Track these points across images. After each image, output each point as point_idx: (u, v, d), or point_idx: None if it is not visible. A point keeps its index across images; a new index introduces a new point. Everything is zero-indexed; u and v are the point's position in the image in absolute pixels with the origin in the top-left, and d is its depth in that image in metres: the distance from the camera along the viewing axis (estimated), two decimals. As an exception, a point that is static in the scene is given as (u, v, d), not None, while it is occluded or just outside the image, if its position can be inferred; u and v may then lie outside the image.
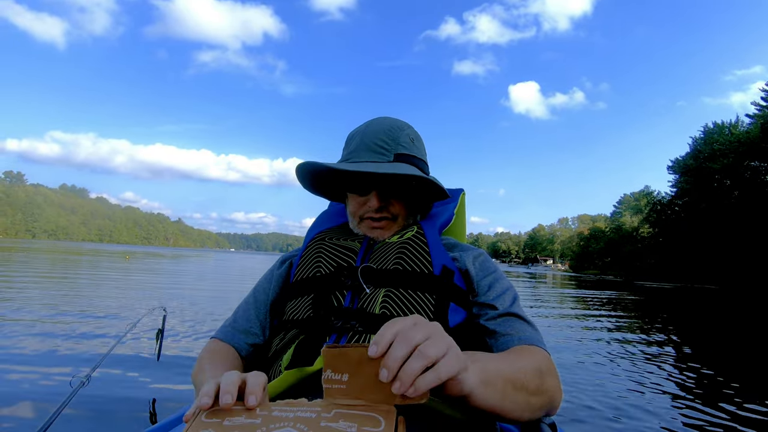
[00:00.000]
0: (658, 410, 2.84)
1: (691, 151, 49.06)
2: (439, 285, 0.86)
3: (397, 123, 0.99)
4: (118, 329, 4.46)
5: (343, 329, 0.80)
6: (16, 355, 3.43)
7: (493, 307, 0.88)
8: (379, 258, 0.91)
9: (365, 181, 0.94)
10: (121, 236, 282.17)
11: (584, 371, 3.84)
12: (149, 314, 2.77)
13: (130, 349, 3.77)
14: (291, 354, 0.78)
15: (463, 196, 1.29)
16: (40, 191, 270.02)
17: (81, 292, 7.58)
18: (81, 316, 5.12)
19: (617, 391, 3.23)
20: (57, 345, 3.76)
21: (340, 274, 0.89)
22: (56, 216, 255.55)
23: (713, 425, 2.64)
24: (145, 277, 12.35)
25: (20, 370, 3.05)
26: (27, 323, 4.55)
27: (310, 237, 1.04)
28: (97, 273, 12.94)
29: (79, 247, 53.32)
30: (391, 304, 0.83)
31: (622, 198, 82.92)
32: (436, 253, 0.92)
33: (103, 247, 79.90)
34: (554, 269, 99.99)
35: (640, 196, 78.71)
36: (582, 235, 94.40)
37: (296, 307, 0.89)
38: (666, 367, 4.13)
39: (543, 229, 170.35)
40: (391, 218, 0.97)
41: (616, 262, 65.76)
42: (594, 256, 78.58)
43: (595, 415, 2.70)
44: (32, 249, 33.34)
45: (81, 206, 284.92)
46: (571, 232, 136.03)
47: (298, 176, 1.01)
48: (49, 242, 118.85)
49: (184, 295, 8.19)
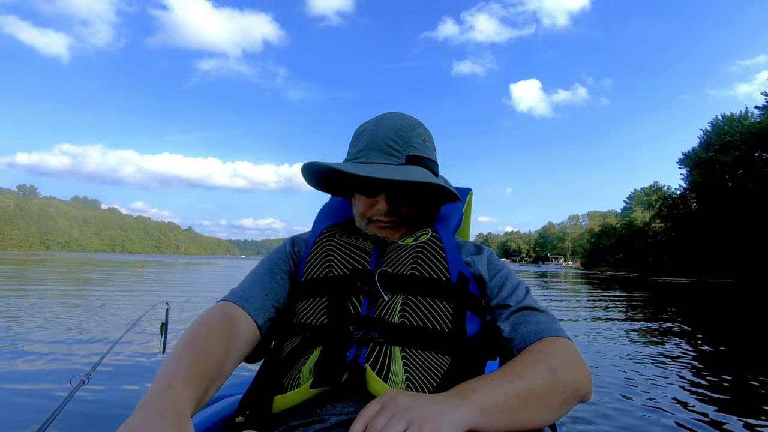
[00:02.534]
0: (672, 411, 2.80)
1: (701, 144, 48.55)
2: (456, 293, 0.84)
3: (409, 121, 0.93)
4: (122, 326, 4.50)
5: (362, 340, 0.76)
6: (17, 355, 3.47)
7: (507, 306, 0.86)
8: (394, 261, 0.86)
9: (374, 182, 0.89)
10: (134, 246, 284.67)
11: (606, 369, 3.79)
12: (152, 310, 2.79)
13: (136, 344, 3.82)
14: (312, 368, 0.74)
15: (471, 196, 1.29)
16: (53, 203, 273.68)
17: (98, 300, 7.68)
18: (93, 318, 5.20)
19: (622, 389, 3.20)
20: (60, 345, 3.81)
21: (355, 277, 0.85)
22: (69, 227, 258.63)
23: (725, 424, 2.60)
24: (157, 284, 12.49)
25: (22, 370, 3.09)
26: (39, 324, 4.59)
27: (317, 232, 0.98)
28: (112, 281, 13.09)
29: (93, 258, 53.92)
30: (410, 313, 0.80)
31: (633, 194, 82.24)
32: (452, 259, 0.88)
33: (116, 257, 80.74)
34: (566, 267, 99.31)
35: (650, 191, 78.05)
36: (593, 232, 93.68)
37: (309, 310, 0.84)
38: (684, 362, 4.08)
39: (553, 227, 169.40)
40: (400, 220, 0.92)
41: (628, 259, 65.17)
42: (606, 253, 77.95)
43: (596, 415, 2.65)
44: (48, 261, 33.75)
45: (93, 217, 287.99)
46: (582, 230, 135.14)
47: (303, 174, 0.97)
48: (63, 254, 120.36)
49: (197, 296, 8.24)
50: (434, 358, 0.76)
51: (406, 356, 0.74)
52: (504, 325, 0.84)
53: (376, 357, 0.73)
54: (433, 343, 0.77)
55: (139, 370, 3.18)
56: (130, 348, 3.78)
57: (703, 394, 3.11)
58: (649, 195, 77.09)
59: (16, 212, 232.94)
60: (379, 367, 0.72)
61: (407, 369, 0.73)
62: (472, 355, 0.82)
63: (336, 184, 1.04)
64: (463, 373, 0.76)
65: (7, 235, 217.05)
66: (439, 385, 0.72)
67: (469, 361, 0.80)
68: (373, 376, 0.71)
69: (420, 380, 0.72)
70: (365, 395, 0.72)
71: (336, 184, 1.04)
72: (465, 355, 0.79)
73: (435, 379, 0.73)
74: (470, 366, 0.79)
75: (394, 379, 0.71)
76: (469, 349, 0.81)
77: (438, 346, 0.77)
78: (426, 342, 0.77)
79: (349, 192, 1.01)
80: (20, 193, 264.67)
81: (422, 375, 0.73)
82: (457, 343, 0.79)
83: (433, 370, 0.74)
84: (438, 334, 0.79)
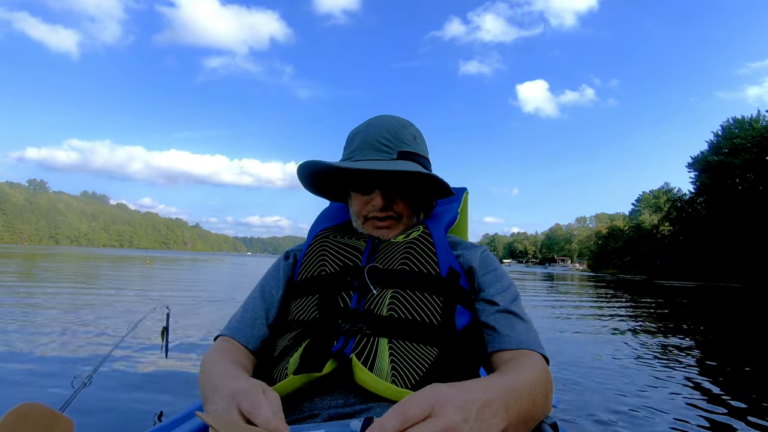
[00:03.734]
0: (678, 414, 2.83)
1: (711, 147, 48.07)
2: (446, 287, 0.86)
3: (400, 121, 0.98)
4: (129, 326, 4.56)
5: (350, 332, 0.78)
6: (20, 354, 3.51)
7: (493, 303, 0.87)
8: (385, 258, 0.89)
9: (369, 179, 0.93)
10: (141, 241, 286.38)
11: (624, 375, 3.82)
12: (152, 313, 2.83)
13: (137, 347, 3.82)
14: (298, 358, 0.76)
15: (467, 196, 1.31)
16: (62, 198, 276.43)
17: (108, 294, 7.80)
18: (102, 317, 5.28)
19: (625, 392, 3.21)
20: (62, 346, 3.84)
21: (345, 273, 0.88)
22: (78, 222, 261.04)
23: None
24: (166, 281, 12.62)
25: (23, 370, 3.12)
26: (45, 322, 4.67)
27: (313, 234, 1.02)
28: (121, 276, 13.24)
29: (101, 253, 54.32)
30: (398, 306, 0.81)
31: (641, 196, 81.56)
32: (443, 253, 0.90)
33: (124, 252, 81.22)
34: (572, 269, 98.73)
35: (659, 193, 77.33)
36: (600, 234, 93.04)
37: (301, 308, 0.87)
38: (690, 369, 4.09)
39: (560, 229, 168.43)
40: (396, 217, 0.95)
41: (635, 261, 64.69)
42: (613, 256, 77.40)
43: (597, 415, 2.67)
44: (57, 255, 34.09)
45: (102, 212, 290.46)
46: (589, 231, 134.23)
47: (299, 176, 0.99)
48: (72, 248, 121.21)
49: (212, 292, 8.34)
50: (421, 349, 0.77)
51: (393, 347, 0.76)
52: (488, 320, 0.86)
53: (363, 348, 0.75)
54: (420, 335, 0.79)
55: (140, 372, 3.18)
56: (132, 350, 3.79)
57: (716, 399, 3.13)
58: (657, 197, 76.40)
59: (26, 206, 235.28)
60: (365, 357, 0.74)
61: (393, 359, 0.74)
62: (462, 347, 0.83)
63: (332, 187, 1.07)
64: (452, 364, 0.78)
65: (17, 229, 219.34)
66: (426, 375, 0.74)
67: (458, 354, 0.81)
68: (359, 365, 0.72)
69: (406, 370, 0.73)
70: (352, 386, 0.73)
71: (332, 186, 1.07)
72: (454, 348, 0.81)
73: (421, 369, 0.74)
74: (459, 358, 0.81)
75: (380, 369, 0.73)
76: (458, 341, 0.82)
77: (426, 337, 0.79)
78: (413, 334, 0.79)
79: (345, 193, 1.04)
80: (30, 188, 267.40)
81: (408, 365, 0.74)
82: (445, 335, 0.81)
83: (420, 361, 0.75)
84: (426, 326, 0.80)
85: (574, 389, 3.21)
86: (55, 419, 0.42)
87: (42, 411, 0.42)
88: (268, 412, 0.55)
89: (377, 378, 0.72)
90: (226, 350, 0.85)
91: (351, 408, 0.72)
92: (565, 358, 4.26)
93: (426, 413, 0.50)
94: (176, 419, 0.90)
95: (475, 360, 0.86)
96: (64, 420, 0.42)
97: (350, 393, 0.73)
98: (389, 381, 0.72)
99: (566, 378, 3.50)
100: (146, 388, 2.86)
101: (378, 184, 0.93)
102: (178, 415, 0.93)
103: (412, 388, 0.71)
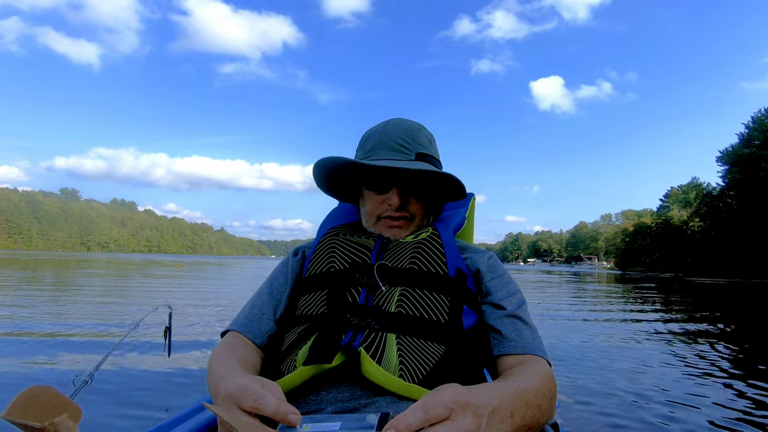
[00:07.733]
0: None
1: (741, 139, 46.49)
2: (453, 287, 0.87)
3: (415, 124, 1.01)
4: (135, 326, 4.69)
5: (359, 327, 0.79)
6: (21, 354, 3.62)
7: (500, 307, 0.89)
8: (394, 256, 0.91)
9: (385, 178, 0.95)
10: (168, 246, 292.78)
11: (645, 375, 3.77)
12: (153, 312, 2.93)
13: (139, 346, 3.88)
14: (308, 350, 0.77)
15: (473, 201, 1.34)
16: (93, 206, 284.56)
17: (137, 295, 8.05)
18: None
19: (631, 392, 3.18)
20: (63, 346, 3.95)
21: (355, 270, 0.89)
22: (108, 229, 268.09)
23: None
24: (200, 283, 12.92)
25: (24, 369, 3.22)
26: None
27: (322, 232, 1.04)
28: (152, 279, 13.64)
29: (131, 259, 55.73)
30: (406, 303, 0.83)
31: (670, 191, 79.12)
32: (451, 254, 0.92)
33: (153, 257, 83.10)
34: (599, 267, 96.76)
35: (688, 188, 74.92)
36: (627, 231, 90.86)
37: (310, 302, 0.88)
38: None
39: (585, 227, 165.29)
40: (409, 218, 0.97)
41: (665, 258, 62.99)
42: (641, 253, 75.54)
43: (598, 415, 2.64)
44: (90, 261, 35.06)
45: (130, 219, 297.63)
46: (616, 229, 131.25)
47: (315, 172, 1.01)
48: (103, 254, 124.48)
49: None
50: (429, 345, 0.79)
51: (401, 342, 0.77)
52: (494, 323, 0.88)
53: (371, 342, 0.76)
54: (428, 332, 0.80)
55: (142, 370, 3.22)
56: (134, 349, 3.83)
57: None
58: (687, 193, 74.06)
59: (59, 214, 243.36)
60: (374, 350, 0.75)
61: (401, 354, 0.75)
62: (468, 346, 0.84)
63: (345, 187, 1.08)
64: (458, 363, 0.80)
65: (51, 236, 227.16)
66: (433, 371, 0.75)
67: (464, 352, 0.82)
68: (367, 358, 0.73)
69: (414, 366, 0.75)
70: (359, 380, 0.74)
71: (345, 186, 1.08)
72: (460, 346, 0.82)
73: (428, 365, 0.76)
74: (466, 357, 0.82)
75: (388, 363, 0.74)
76: (464, 340, 0.84)
77: (433, 335, 0.80)
78: (421, 330, 0.80)
79: (357, 193, 1.05)
80: (63, 196, 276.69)
81: (416, 361, 0.75)
82: (452, 334, 0.82)
83: (428, 357, 0.77)
84: (434, 324, 0.81)
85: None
86: (65, 404, 0.43)
87: (53, 394, 0.43)
88: (273, 401, 0.55)
89: (385, 371, 0.72)
90: (232, 346, 0.86)
91: (357, 401, 0.72)
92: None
93: (446, 414, 0.51)
94: (181, 415, 0.91)
95: (480, 361, 0.88)
96: (73, 406, 0.43)
97: (356, 386, 0.74)
98: (397, 375, 0.73)
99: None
100: (147, 385, 2.89)
101: (395, 183, 0.94)
102: (183, 411, 0.93)
103: (419, 383, 0.73)
